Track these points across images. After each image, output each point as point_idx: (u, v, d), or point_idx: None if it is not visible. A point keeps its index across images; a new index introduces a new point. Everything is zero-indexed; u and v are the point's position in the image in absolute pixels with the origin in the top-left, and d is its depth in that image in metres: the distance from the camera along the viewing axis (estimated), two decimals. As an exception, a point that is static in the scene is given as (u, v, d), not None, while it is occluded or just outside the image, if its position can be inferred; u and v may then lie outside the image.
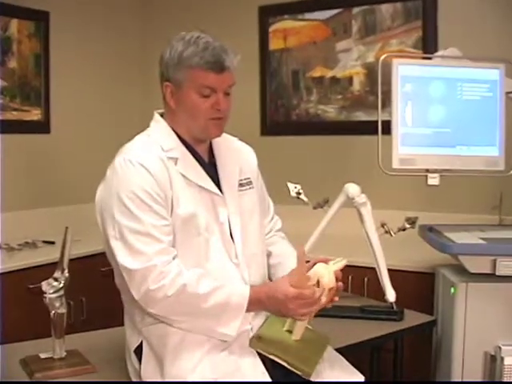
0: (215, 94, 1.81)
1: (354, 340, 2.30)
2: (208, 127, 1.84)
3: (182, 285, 1.72)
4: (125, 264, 1.73)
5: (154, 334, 1.81)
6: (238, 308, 1.76)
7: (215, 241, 1.84)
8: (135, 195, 1.74)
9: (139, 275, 1.72)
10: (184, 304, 1.74)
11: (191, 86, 1.79)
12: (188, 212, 1.80)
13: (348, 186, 2.55)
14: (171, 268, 1.73)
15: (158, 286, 1.71)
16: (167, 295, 1.71)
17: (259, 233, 1.98)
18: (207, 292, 1.73)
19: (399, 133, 2.64)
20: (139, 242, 1.72)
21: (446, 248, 2.52)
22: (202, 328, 1.77)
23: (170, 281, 1.71)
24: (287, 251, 2.06)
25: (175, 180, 1.80)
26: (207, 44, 1.78)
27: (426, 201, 3.43)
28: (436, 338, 2.73)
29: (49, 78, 3.75)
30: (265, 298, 1.76)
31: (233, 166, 1.95)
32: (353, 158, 3.70)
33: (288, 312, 1.76)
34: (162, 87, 1.85)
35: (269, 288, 1.79)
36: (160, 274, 1.71)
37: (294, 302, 1.73)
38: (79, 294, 3.13)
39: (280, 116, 3.98)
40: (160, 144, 1.83)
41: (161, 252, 1.73)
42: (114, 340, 2.16)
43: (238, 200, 1.91)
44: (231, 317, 1.76)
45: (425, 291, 2.88)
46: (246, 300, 1.76)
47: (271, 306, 1.77)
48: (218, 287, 1.75)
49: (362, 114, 3.70)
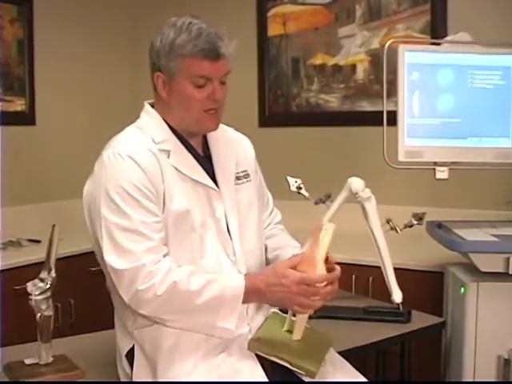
0: (210, 83, 1.80)
1: (358, 343, 2.30)
2: (203, 120, 1.84)
3: (172, 282, 1.71)
4: (112, 264, 1.73)
5: (146, 337, 1.81)
6: (233, 300, 1.74)
7: (211, 237, 1.84)
8: (124, 190, 1.73)
9: (128, 276, 1.71)
10: (176, 302, 1.73)
11: (185, 76, 1.79)
12: (181, 208, 1.79)
13: (351, 180, 2.54)
14: (161, 266, 1.72)
15: (147, 285, 1.70)
16: (157, 295, 1.70)
17: (258, 228, 1.98)
18: (200, 287, 1.72)
19: (406, 123, 2.65)
20: (128, 240, 1.72)
21: (455, 245, 2.52)
22: (198, 326, 1.77)
23: (160, 279, 1.71)
24: (285, 243, 2.05)
25: (167, 174, 1.79)
26: (200, 30, 1.77)
27: (434, 196, 3.43)
28: (445, 340, 2.73)
29: (33, 65, 3.74)
30: (263, 286, 1.75)
31: (229, 158, 1.95)
32: (356, 150, 3.70)
33: (292, 300, 1.73)
34: (153, 77, 1.84)
35: (266, 275, 1.76)
36: (149, 273, 1.71)
37: (298, 287, 1.71)
38: (67, 295, 3.13)
39: (279, 106, 3.99)
40: (151, 136, 1.82)
41: (150, 250, 1.73)
42: (104, 344, 2.16)
43: (234, 194, 1.91)
44: (228, 311, 1.74)
45: (433, 291, 2.89)
46: (242, 291, 1.74)
47: (271, 295, 1.75)
48: (211, 281, 1.74)
49: (366, 104, 3.70)
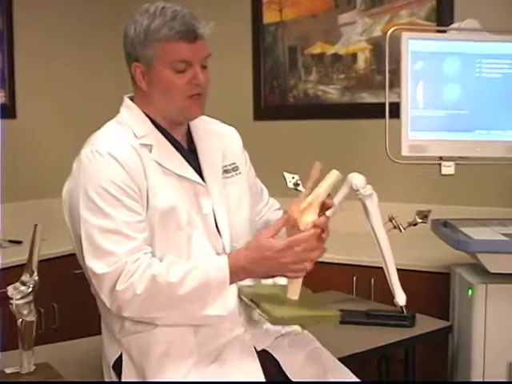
0: (191, 67, 1.80)
1: (360, 348, 2.30)
2: (187, 107, 1.83)
3: (151, 277, 1.71)
4: (92, 268, 1.73)
5: (135, 345, 1.81)
6: (220, 284, 1.74)
7: (199, 235, 1.84)
8: (104, 190, 1.73)
9: (108, 279, 1.71)
10: (158, 297, 1.72)
11: (163, 62, 1.79)
12: (167, 204, 1.79)
13: (352, 176, 2.54)
14: (139, 263, 1.72)
15: (125, 285, 1.70)
16: (137, 293, 1.70)
17: (249, 224, 1.98)
18: (180, 277, 1.72)
19: (409, 116, 2.64)
20: (109, 241, 1.72)
21: (462, 245, 2.51)
22: (188, 317, 1.77)
23: (139, 277, 1.71)
24: (277, 214, 2.07)
25: (150, 170, 1.80)
26: (175, 13, 1.78)
27: (440, 192, 3.43)
28: (452, 346, 2.73)
29: (13, 56, 3.74)
30: (247, 263, 1.74)
31: (215, 150, 1.95)
32: (357, 144, 3.70)
33: (282, 269, 1.74)
34: (131, 69, 1.84)
35: (249, 250, 1.75)
36: (128, 272, 1.71)
37: (285, 255, 1.71)
38: (50, 299, 3.13)
39: (275, 98, 3.98)
40: (132, 130, 1.83)
41: (133, 250, 1.73)
42: (90, 351, 2.15)
43: (222, 188, 1.92)
44: (216, 296, 1.74)
45: (439, 294, 2.89)
46: (227, 272, 1.74)
47: (259, 269, 1.75)
48: (192, 268, 1.74)
49: (368, 96, 3.70)
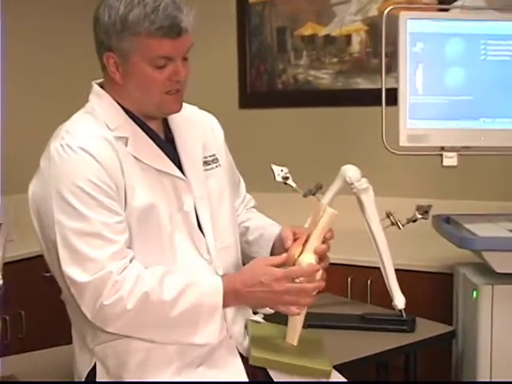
0: (172, 62, 1.79)
1: (356, 355, 2.30)
2: (165, 103, 1.82)
3: (143, 293, 1.70)
4: (73, 276, 1.71)
5: (110, 353, 1.80)
6: (212, 308, 1.75)
7: (180, 235, 1.84)
8: (79, 189, 1.71)
9: (91, 288, 1.70)
10: (149, 316, 1.73)
11: (142, 57, 1.77)
12: (145, 203, 1.78)
13: (346, 169, 2.55)
14: (128, 274, 1.71)
15: (114, 299, 1.69)
16: (127, 309, 1.70)
17: (231, 220, 1.99)
18: (175, 296, 1.73)
19: (408, 103, 2.64)
20: (89, 246, 1.70)
21: (466, 243, 2.51)
22: (176, 340, 1.78)
23: (129, 290, 1.70)
24: (266, 221, 2.09)
25: (127, 165, 1.78)
26: (156, 2, 1.74)
27: (442, 186, 3.44)
28: (456, 352, 2.74)
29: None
30: (241, 287, 1.76)
31: (194, 140, 1.94)
32: (351, 134, 3.70)
33: (275, 300, 1.75)
34: (102, 57, 1.82)
35: (244, 275, 1.78)
36: (115, 283, 1.69)
37: (280, 285, 1.73)
38: (17, 306, 3.11)
39: (262, 84, 3.98)
40: (104, 121, 1.81)
41: (115, 255, 1.71)
42: (61, 362, 2.15)
43: (204, 182, 1.92)
44: (206, 321, 1.75)
45: (441, 296, 2.89)
46: (221, 296, 1.75)
47: (252, 296, 1.77)
48: (186, 286, 1.74)
49: (363, 81, 3.70)
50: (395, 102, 2.65)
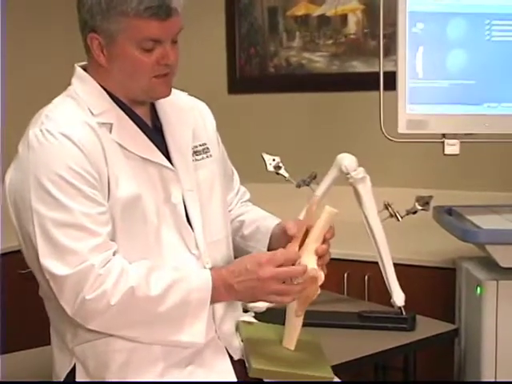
0: (160, 45, 1.79)
1: (352, 356, 2.30)
2: (153, 87, 1.82)
3: (128, 288, 1.70)
4: (51, 269, 1.70)
5: (91, 353, 1.80)
6: (200, 304, 1.76)
7: (167, 228, 1.83)
8: (60, 177, 1.70)
9: (72, 283, 1.69)
10: (134, 312, 1.73)
11: (129, 39, 1.76)
12: (130, 193, 1.78)
13: (341, 158, 2.54)
14: (112, 268, 1.71)
15: (97, 293, 1.69)
16: (110, 304, 1.69)
17: (223, 213, 1.99)
18: (162, 291, 1.73)
19: (407, 87, 2.64)
20: (68, 237, 1.70)
21: (469, 236, 2.51)
22: (161, 338, 1.78)
23: (113, 285, 1.70)
24: (262, 214, 2.11)
25: (111, 152, 1.77)
26: None
27: (443, 175, 3.45)
28: (459, 351, 2.74)
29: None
30: (229, 275, 1.77)
31: (184, 128, 1.94)
32: (347, 121, 3.70)
33: (264, 288, 1.75)
34: (86, 38, 1.81)
35: (230, 264, 1.82)
36: (98, 277, 1.69)
37: (268, 271, 1.74)
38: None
39: (253, 68, 3.97)
40: (88, 106, 1.80)
41: (98, 248, 1.71)
42: (38, 364, 2.15)
43: (193, 173, 1.91)
44: (194, 317, 1.76)
45: (443, 292, 2.90)
46: (209, 291, 1.76)
47: (240, 287, 1.77)
48: (174, 281, 1.75)
49: (360, 64, 3.70)
50: (394, 87, 2.64)
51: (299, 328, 1.85)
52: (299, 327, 1.85)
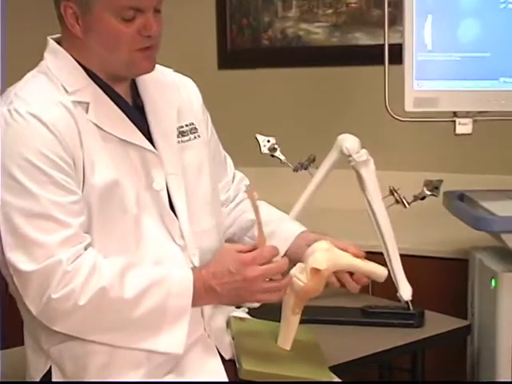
0: (142, 14, 1.79)
1: (355, 355, 2.30)
2: (135, 61, 1.82)
3: (99, 288, 1.70)
4: (16, 263, 1.71)
5: (67, 355, 1.81)
6: (179, 311, 1.76)
7: (149, 217, 1.83)
8: (28, 162, 1.70)
9: (37, 279, 1.69)
10: (105, 315, 1.73)
11: (107, 8, 1.76)
12: (107, 180, 1.78)
13: (342, 139, 2.54)
14: (82, 264, 1.71)
15: (64, 292, 1.69)
16: (78, 305, 1.69)
17: (212, 200, 1.99)
18: (137, 293, 1.73)
19: (415, 61, 2.64)
20: (36, 229, 1.69)
21: (483, 223, 2.51)
22: (135, 346, 1.78)
23: (82, 283, 1.69)
24: (276, 213, 2.12)
25: (87, 134, 1.77)
26: None
27: (454, 157, 3.46)
28: (472, 350, 2.75)
29: None
30: (209, 277, 1.77)
31: (168, 107, 1.94)
32: (349, 98, 3.70)
33: (250, 289, 1.77)
34: (59, 7, 1.81)
35: (210, 267, 1.80)
36: (66, 274, 1.69)
37: (253, 269, 1.74)
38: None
39: (245, 41, 3.97)
40: (61, 83, 1.80)
41: (67, 241, 1.71)
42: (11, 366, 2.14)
43: (178, 156, 1.91)
44: (172, 325, 1.76)
45: (454, 285, 2.90)
46: (190, 296, 1.76)
47: (223, 289, 1.77)
48: (152, 284, 1.75)
49: (363, 36, 3.69)
50: (400, 61, 2.64)
51: (296, 326, 1.86)
52: (296, 326, 1.86)
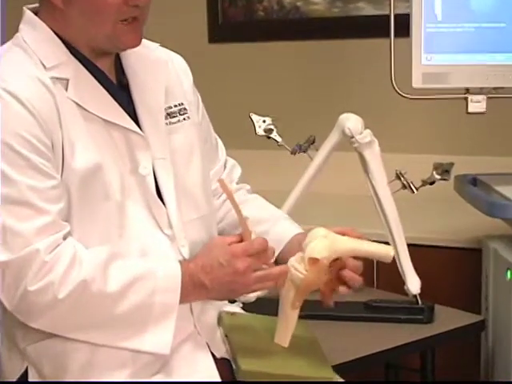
0: None
1: (359, 353, 2.31)
2: (119, 34, 1.81)
3: (80, 281, 1.70)
4: None
5: (45, 354, 1.81)
6: (166, 308, 1.76)
7: (134, 204, 1.83)
8: (3, 144, 1.70)
9: (12, 271, 1.69)
10: (85, 311, 1.73)
11: None
12: (89, 163, 1.77)
13: (345, 118, 2.53)
14: (61, 254, 1.71)
15: (41, 284, 1.68)
16: (57, 298, 1.69)
17: (203, 187, 1.99)
18: (121, 288, 1.73)
19: (424, 32, 2.64)
20: (11, 216, 1.69)
21: (497, 210, 2.51)
22: (118, 345, 1.78)
23: (61, 275, 1.69)
24: (270, 211, 2.12)
25: (67, 114, 1.77)
26: None
27: (466, 138, 3.45)
28: (486, 347, 2.76)
29: None
30: (197, 270, 1.79)
31: (155, 86, 1.94)
32: (352, 74, 3.70)
33: (246, 280, 1.78)
34: None
35: (198, 259, 1.81)
36: (44, 265, 1.69)
37: (244, 260, 1.76)
38: None
39: (238, 12, 3.97)
40: (39, 58, 1.80)
41: (45, 229, 1.71)
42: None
43: (166, 139, 1.91)
44: (159, 323, 1.77)
45: (466, 277, 2.91)
46: (178, 293, 1.77)
47: (217, 284, 1.79)
48: (137, 278, 1.75)
49: (366, 6, 3.69)
50: (407, 33, 2.64)
51: (295, 322, 1.86)
52: (295, 321, 1.86)
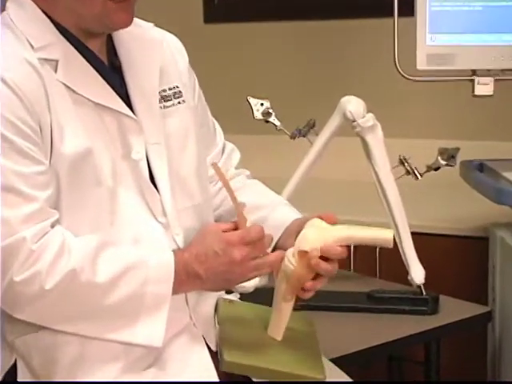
0: None
1: (361, 345, 2.32)
2: (109, 13, 1.80)
3: (69, 271, 1.69)
4: None
5: (34, 346, 1.81)
6: (158, 299, 1.77)
7: (127, 191, 1.83)
8: None
9: None
10: (74, 302, 1.73)
11: None
12: (79, 148, 1.76)
13: (346, 102, 2.53)
14: (49, 242, 1.70)
15: (28, 274, 1.68)
16: (45, 289, 1.69)
17: (198, 173, 1.98)
18: (111, 278, 1.73)
19: (428, 11, 2.64)
20: None
21: (505, 197, 2.51)
22: (108, 338, 1.78)
23: (49, 264, 1.69)
24: (269, 197, 2.12)
25: (55, 96, 1.76)
26: None
27: (473, 122, 3.45)
28: (493, 339, 2.77)
29: None
30: (191, 259, 1.79)
31: (149, 68, 1.93)
32: (353, 55, 3.70)
33: (243, 270, 1.79)
34: None
35: (192, 248, 1.82)
36: (31, 254, 1.68)
37: (240, 249, 1.77)
38: None
39: (235, -10, 3.96)
40: (27, 38, 1.79)
41: (32, 217, 1.70)
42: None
43: (160, 123, 1.91)
44: (150, 314, 1.77)
45: (473, 266, 2.92)
46: (170, 283, 1.77)
47: (212, 274, 1.79)
48: (128, 268, 1.75)
49: (368, -16, 3.68)
50: (412, 12, 2.65)
51: (288, 315, 1.86)
52: (288, 314, 1.86)
